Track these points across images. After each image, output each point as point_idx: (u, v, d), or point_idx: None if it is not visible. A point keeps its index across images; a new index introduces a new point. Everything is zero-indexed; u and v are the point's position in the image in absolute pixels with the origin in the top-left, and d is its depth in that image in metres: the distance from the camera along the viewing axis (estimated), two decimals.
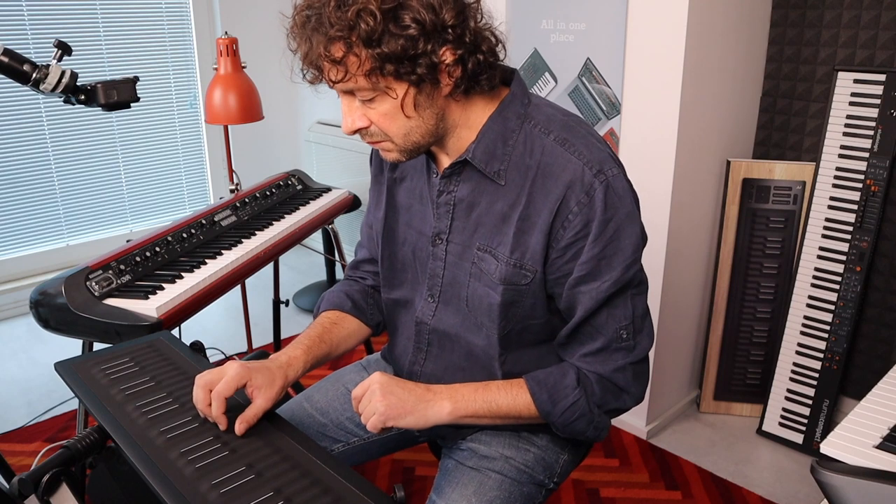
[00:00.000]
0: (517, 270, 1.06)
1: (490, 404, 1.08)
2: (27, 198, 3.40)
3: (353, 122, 1.01)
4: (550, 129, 1.04)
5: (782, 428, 2.33)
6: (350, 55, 0.91)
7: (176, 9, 3.65)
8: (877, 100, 2.04)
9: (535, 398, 1.07)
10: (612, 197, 1.00)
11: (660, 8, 2.00)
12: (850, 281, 2.14)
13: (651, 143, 2.12)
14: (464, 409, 1.07)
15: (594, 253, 1.01)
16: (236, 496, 0.88)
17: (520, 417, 1.10)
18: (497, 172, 1.05)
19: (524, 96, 1.07)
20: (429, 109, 1.00)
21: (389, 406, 1.03)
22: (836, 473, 0.80)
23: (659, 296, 2.22)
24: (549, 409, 1.07)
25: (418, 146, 1.04)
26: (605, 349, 1.07)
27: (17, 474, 0.99)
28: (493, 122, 1.05)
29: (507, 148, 1.05)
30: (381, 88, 0.95)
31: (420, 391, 1.07)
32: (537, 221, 1.03)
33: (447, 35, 0.93)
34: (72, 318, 1.55)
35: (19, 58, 1.54)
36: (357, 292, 1.32)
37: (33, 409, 2.56)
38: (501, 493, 1.14)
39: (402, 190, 1.20)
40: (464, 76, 0.98)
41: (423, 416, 1.06)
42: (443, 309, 1.17)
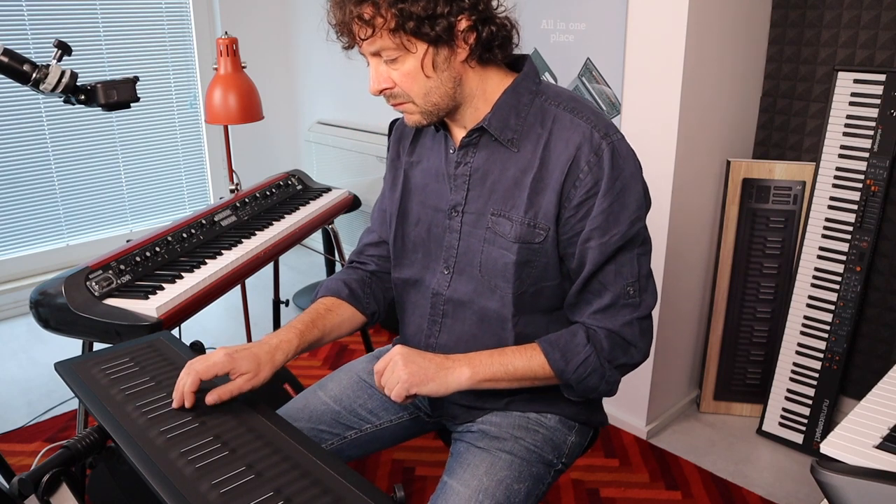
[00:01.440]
0: (531, 229, 1.14)
1: (507, 367, 1.13)
2: (27, 198, 3.40)
3: (380, 82, 1.10)
4: (560, 101, 1.15)
5: (782, 428, 2.33)
6: (377, 15, 1.03)
7: (176, 9, 3.65)
8: (877, 100, 2.04)
9: (548, 357, 1.13)
10: (618, 157, 1.10)
11: (660, 8, 2.00)
12: (850, 281, 2.14)
13: (651, 143, 2.12)
14: (482, 374, 1.12)
15: (603, 208, 1.10)
16: (236, 496, 0.88)
17: (535, 378, 1.15)
18: (511, 140, 1.14)
19: (536, 76, 1.17)
20: (446, 72, 1.09)
21: (412, 374, 1.09)
22: (836, 473, 0.80)
23: (659, 296, 2.21)
24: (563, 366, 1.12)
25: (437, 107, 1.13)
26: (613, 305, 1.14)
27: (17, 474, 0.99)
28: (508, 96, 1.14)
29: (519, 119, 1.14)
30: (403, 46, 1.05)
31: (439, 359, 1.13)
32: (550, 182, 1.11)
33: (463, 2, 1.04)
34: (72, 318, 1.55)
35: (19, 58, 1.54)
36: (355, 281, 1.36)
37: (33, 409, 2.57)
38: (512, 471, 1.18)
39: (417, 172, 1.27)
40: (478, 43, 1.08)
41: (443, 383, 1.11)
42: (457, 279, 1.23)
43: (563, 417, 1.28)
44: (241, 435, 1.01)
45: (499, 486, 1.15)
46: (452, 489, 1.15)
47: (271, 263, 2.36)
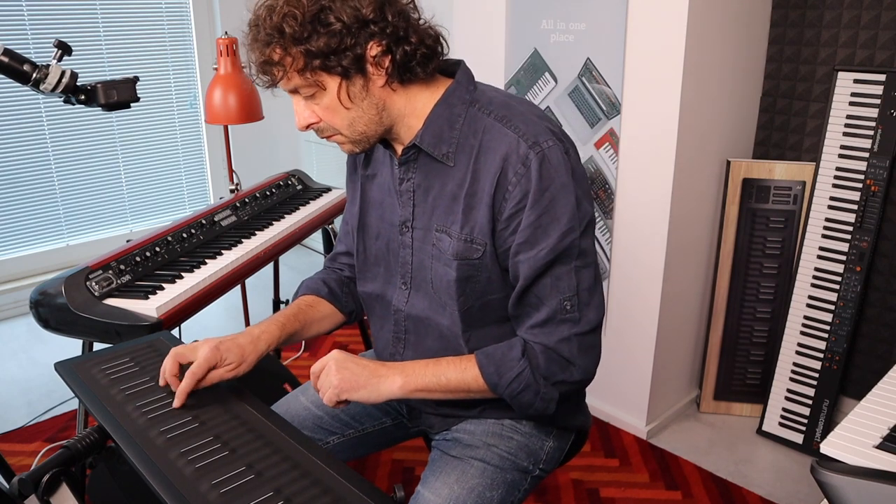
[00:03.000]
0: (468, 245, 1.11)
1: (439, 378, 1.11)
2: (27, 198, 3.40)
3: (304, 119, 1.10)
4: (491, 109, 1.10)
5: (782, 428, 2.33)
6: (285, 56, 1.02)
7: (176, 9, 3.65)
8: (877, 100, 2.04)
9: (482, 370, 1.10)
10: (548, 167, 1.05)
11: (660, 8, 2.00)
12: (850, 281, 2.14)
13: (651, 143, 2.12)
14: (414, 384, 1.11)
15: (530, 221, 1.06)
16: (236, 496, 0.88)
17: (469, 391, 1.12)
18: (446, 155, 1.12)
19: (469, 84, 1.14)
20: (366, 100, 1.07)
21: (343, 380, 1.09)
22: (836, 473, 0.80)
23: (659, 296, 2.22)
24: (496, 380, 1.10)
25: (366, 136, 1.11)
26: (550, 321, 1.09)
27: (17, 474, 1.00)
28: (439, 108, 1.11)
29: (453, 131, 1.11)
30: (314, 83, 1.04)
31: (374, 367, 1.12)
32: (482, 196, 1.09)
33: (370, 29, 1.02)
34: (72, 318, 1.55)
35: (19, 58, 1.54)
36: (334, 280, 1.38)
37: (33, 409, 2.56)
38: (483, 479, 1.18)
39: (374, 186, 1.26)
40: (394, 66, 1.05)
41: (375, 390, 1.10)
42: (414, 294, 1.22)
43: (537, 423, 1.25)
44: (241, 435, 1.01)
45: (469, 495, 1.15)
46: (424, 498, 1.15)
47: (271, 263, 2.36)
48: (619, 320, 2.36)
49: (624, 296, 2.33)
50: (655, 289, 2.23)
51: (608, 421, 2.47)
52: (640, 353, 2.33)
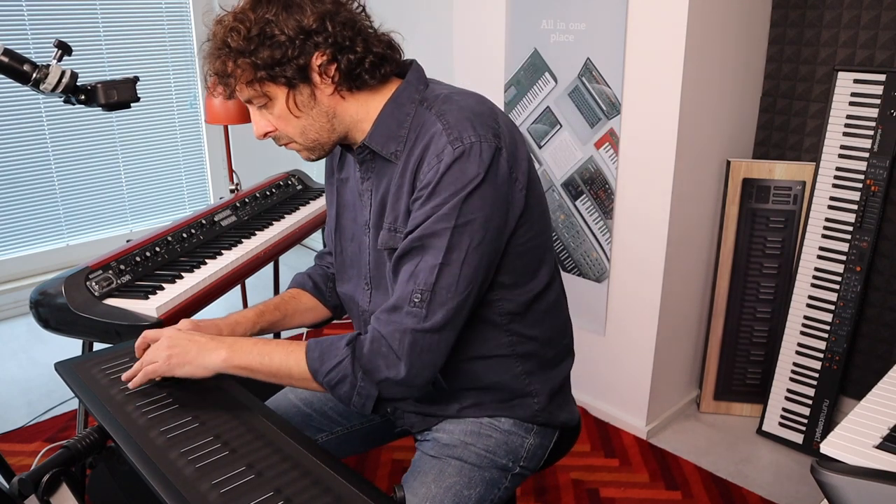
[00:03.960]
0: (392, 234, 1.12)
1: (264, 357, 1.09)
2: (27, 198, 3.40)
3: (261, 128, 1.13)
4: (433, 104, 1.11)
5: (782, 428, 2.33)
6: (235, 68, 1.06)
7: (176, 9, 3.65)
8: (877, 100, 2.04)
9: (307, 355, 1.08)
10: (460, 163, 1.02)
11: (660, 8, 2.00)
12: (850, 281, 2.14)
13: (651, 143, 2.12)
14: (237, 360, 1.09)
15: (425, 209, 1.04)
16: (236, 496, 0.88)
17: (292, 376, 1.10)
18: (394, 153, 1.12)
19: (419, 83, 1.14)
20: (315, 108, 1.10)
21: (171, 356, 1.09)
22: (836, 473, 0.80)
23: (659, 296, 2.22)
24: (317, 367, 1.07)
25: (320, 143, 1.14)
26: (396, 309, 1.05)
27: (17, 474, 0.99)
28: (388, 109, 1.12)
29: (402, 130, 1.11)
30: (262, 94, 1.07)
31: (204, 341, 1.11)
32: (405, 185, 1.10)
33: (314, 40, 1.04)
34: (72, 318, 1.55)
35: (19, 58, 1.54)
36: (319, 275, 1.41)
37: (33, 409, 2.56)
38: (461, 478, 1.18)
39: (347, 190, 1.27)
40: (340, 74, 1.07)
41: (200, 365, 1.10)
42: (375, 293, 1.23)
43: (517, 420, 1.24)
44: (241, 435, 1.01)
45: (447, 493, 1.15)
46: None
47: (271, 263, 2.36)
48: (619, 320, 2.36)
49: (624, 296, 2.33)
50: (655, 289, 2.23)
51: (608, 421, 2.47)
52: (640, 353, 2.33)
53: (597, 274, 2.37)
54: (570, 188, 2.36)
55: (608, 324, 2.38)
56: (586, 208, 2.34)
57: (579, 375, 2.56)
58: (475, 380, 1.20)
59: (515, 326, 1.18)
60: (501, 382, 1.20)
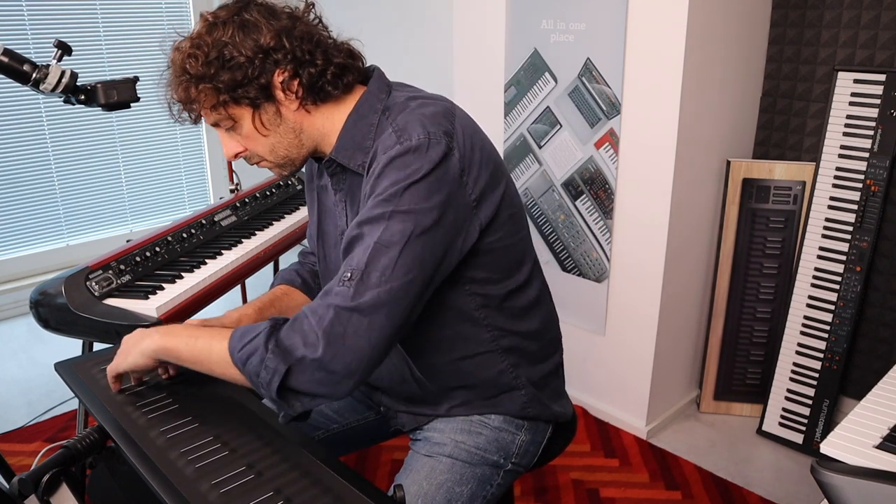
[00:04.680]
0: None
1: (189, 338, 1.07)
2: (27, 198, 3.40)
3: (230, 149, 1.13)
4: (390, 113, 1.10)
5: (782, 428, 2.33)
6: (199, 94, 1.06)
7: (176, 9, 3.65)
8: (877, 100, 2.04)
9: (231, 336, 1.03)
10: (406, 157, 1.01)
11: (660, 8, 2.00)
12: (850, 281, 2.14)
13: (651, 143, 2.12)
14: (166, 343, 1.08)
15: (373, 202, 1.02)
16: (236, 496, 0.88)
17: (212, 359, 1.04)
18: (361, 165, 1.11)
19: (380, 91, 1.13)
20: (281, 125, 1.09)
21: (118, 353, 1.12)
22: (836, 473, 0.80)
23: (659, 296, 2.22)
24: (235, 344, 1.01)
25: (290, 159, 1.14)
26: (328, 292, 1.00)
27: (17, 474, 0.99)
28: (351, 120, 1.12)
29: (366, 141, 1.11)
30: (228, 116, 1.07)
31: (149, 331, 1.12)
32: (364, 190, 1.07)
33: (273, 57, 1.04)
34: (72, 318, 1.55)
35: (19, 58, 1.54)
36: (307, 272, 1.41)
37: (33, 409, 2.56)
38: (452, 475, 1.19)
39: (327, 196, 1.27)
40: (303, 89, 1.07)
41: (138, 352, 1.10)
42: None
43: (507, 416, 1.25)
44: (241, 435, 1.01)
45: (438, 490, 1.16)
46: None
47: (271, 263, 2.36)
48: (620, 320, 2.36)
49: (624, 295, 2.33)
50: (655, 289, 2.23)
51: (608, 421, 2.47)
52: (640, 353, 2.33)
53: (597, 274, 2.37)
54: (570, 188, 2.36)
55: (608, 324, 2.38)
56: (586, 208, 2.34)
57: (579, 375, 2.56)
58: (462, 378, 1.21)
59: (494, 321, 1.18)
60: (489, 379, 1.21)
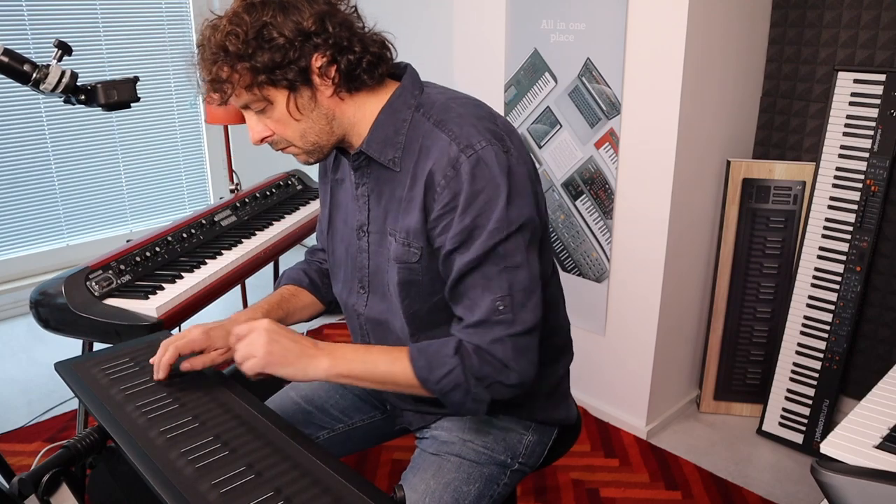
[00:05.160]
0: (406, 248, 1.12)
1: (367, 365, 1.09)
2: (27, 198, 3.40)
3: (258, 133, 1.12)
4: (431, 114, 1.11)
5: (782, 428, 2.33)
6: (232, 73, 1.04)
7: (176, 9, 3.65)
8: (877, 100, 2.04)
9: (413, 364, 1.08)
10: (481, 169, 1.04)
11: (660, 8, 2.00)
12: (850, 281, 2.14)
13: (651, 143, 2.12)
14: (340, 368, 1.09)
15: (465, 225, 1.05)
16: (236, 496, 0.88)
17: (398, 384, 1.10)
18: (392, 160, 1.12)
19: (414, 88, 1.14)
20: (315, 111, 1.09)
21: (271, 353, 1.06)
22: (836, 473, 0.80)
23: (659, 296, 2.22)
24: (426, 375, 1.07)
25: (319, 146, 1.13)
26: (484, 322, 1.07)
27: (17, 474, 0.99)
28: (384, 114, 1.12)
29: (398, 136, 1.12)
30: (263, 97, 1.06)
31: (306, 345, 1.10)
32: (416, 200, 1.09)
33: (313, 41, 1.03)
34: (72, 318, 1.55)
35: (19, 58, 1.54)
36: (315, 271, 1.40)
37: (33, 409, 2.56)
38: (460, 474, 1.19)
39: (341, 191, 1.27)
40: (340, 75, 1.07)
41: (302, 370, 1.08)
42: (372, 298, 1.23)
43: (515, 417, 1.26)
44: (241, 435, 1.01)
45: (446, 489, 1.16)
46: None
47: (271, 263, 2.36)
48: (619, 320, 2.36)
49: (624, 296, 2.33)
50: (655, 289, 2.23)
51: (608, 421, 2.47)
52: (640, 353, 2.33)
53: (597, 274, 2.37)
54: (570, 188, 2.36)
55: (608, 324, 2.38)
56: (586, 208, 2.34)
57: (579, 375, 2.56)
58: None
59: None
60: None
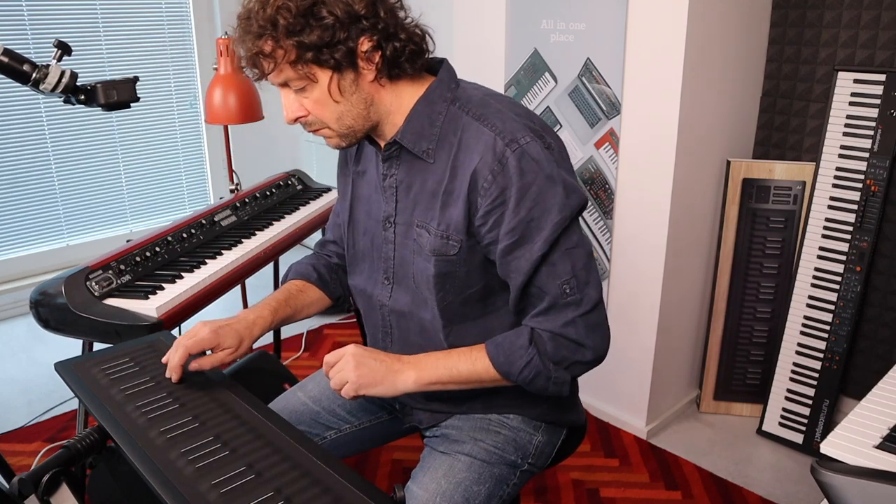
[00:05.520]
0: (445, 241, 1.13)
1: (451, 370, 1.13)
2: (27, 198, 3.40)
3: (292, 112, 1.11)
4: (469, 108, 1.12)
5: (782, 428, 2.33)
6: (277, 48, 1.03)
7: (176, 9, 3.65)
8: (877, 100, 2.04)
9: (493, 360, 1.12)
10: (529, 162, 1.06)
11: (660, 8, 2.00)
12: (850, 281, 2.14)
13: (651, 143, 2.12)
14: (427, 377, 1.13)
15: (521, 217, 1.06)
16: (236, 496, 0.88)
17: (482, 381, 1.14)
18: (426, 151, 1.13)
19: (451, 81, 1.15)
20: (355, 94, 1.09)
21: (361, 376, 1.10)
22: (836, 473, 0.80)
23: (659, 296, 2.22)
24: (507, 369, 1.11)
25: (353, 130, 1.13)
26: (553, 307, 1.11)
27: (17, 474, 0.99)
28: (420, 106, 1.13)
29: (433, 128, 1.13)
30: (306, 76, 1.05)
31: (390, 361, 1.13)
32: (459, 193, 1.10)
33: (362, 24, 1.04)
34: (72, 318, 1.55)
35: (19, 58, 1.54)
36: (323, 266, 1.40)
37: (33, 409, 2.56)
38: (470, 473, 1.19)
39: (363, 182, 1.28)
40: (384, 61, 1.07)
41: (392, 386, 1.12)
42: (397, 289, 1.23)
43: (526, 418, 1.27)
44: (241, 435, 1.01)
45: (457, 489, 1.16)
46: (413, 494, 1.17)
47: (271, 263, 2.36)
48: (620, 320, 2.36)
49: (624, 296, 2.33)
50: (655, 289, 2.23)
51: (608, 421, 2.47)
52: (640, 353, 2.33)
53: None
54: None
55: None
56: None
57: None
58: None
59: None
60: None
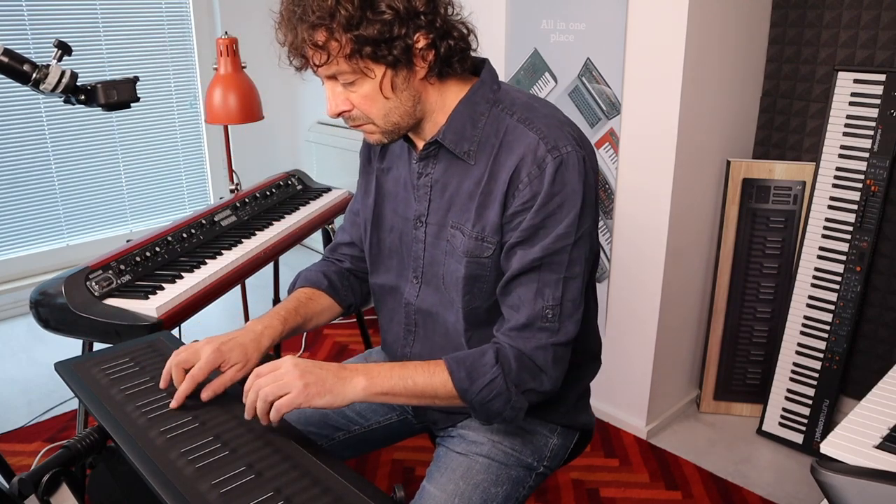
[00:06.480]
0: (479, 243, 1.11)
1: (406, 381, 1.07)
2: (27, 198, 3.39)
3: (338, 105, 1.08)
4: (514, 110, 1.11)
5: (782, 428, 2.33)
6: (331, 40, 1.00)
7: (176, 9, 3.65)
8: (877, 100, 2.04)
9: (453, 376, 1.06)
10: (563, 172, 1.05)
11: (660, 8, 2.00)
12: (850, 281, 2.14)
13: (651, 143, 2.12)
14: (378, 386, 1.06)
15: (534, 222, 1.06)
16: (236, 496, 0.88)
17: (436, 396, 1.08)
18: (467, 153, 1.12)
19: (493, 83, 1.14)
20: (406, 91, 1.07)
21: (309, 384, 1.01)
22: (836, 473, 0.80)
23: (659, 296, 2.22)
24: (467, 386, 1.06)
25: (398, 127, 1.11)
26: (529, 326, 1.08)
27: (17, 474, 0.99)
28: (463, 106, 1.12)
29: (475, 130, 1.11)
30: (360, 70, 1.02)
31: (336, 369, 1.06)
32: (496, 194, 1.09)
33: (420, 21, 1.01)
34: (72, 318, 1.55)
35: (19, 58, 1.54)
36: (334, 273, 1.37)
37: (33, 409, 2.56)
38: (489, 475, 1.18)
39: (389, 179, 1.26)
40: (437, 59, 1.06)
41: (340, 394, 1.04)
42: (425, 289, 1.22)
43: (542, 421, 1.26)
44: (241, 435, 1.01)
45: (475, 490, 1.16)
46: (429, 494, 1.16)
47: (271, 263, 2.36)
48: (620, 320, 2.36)
49: (624, 296, 2.33)
50: (655, 289, 2.23)
51: (608, 421, 2.47)
52: (640, 353, 2.33)
53: (597, 274, 2.36)
54: None
55: (608, 324, 2.38)
56: None
57: None
58: None
59: None
60: None
